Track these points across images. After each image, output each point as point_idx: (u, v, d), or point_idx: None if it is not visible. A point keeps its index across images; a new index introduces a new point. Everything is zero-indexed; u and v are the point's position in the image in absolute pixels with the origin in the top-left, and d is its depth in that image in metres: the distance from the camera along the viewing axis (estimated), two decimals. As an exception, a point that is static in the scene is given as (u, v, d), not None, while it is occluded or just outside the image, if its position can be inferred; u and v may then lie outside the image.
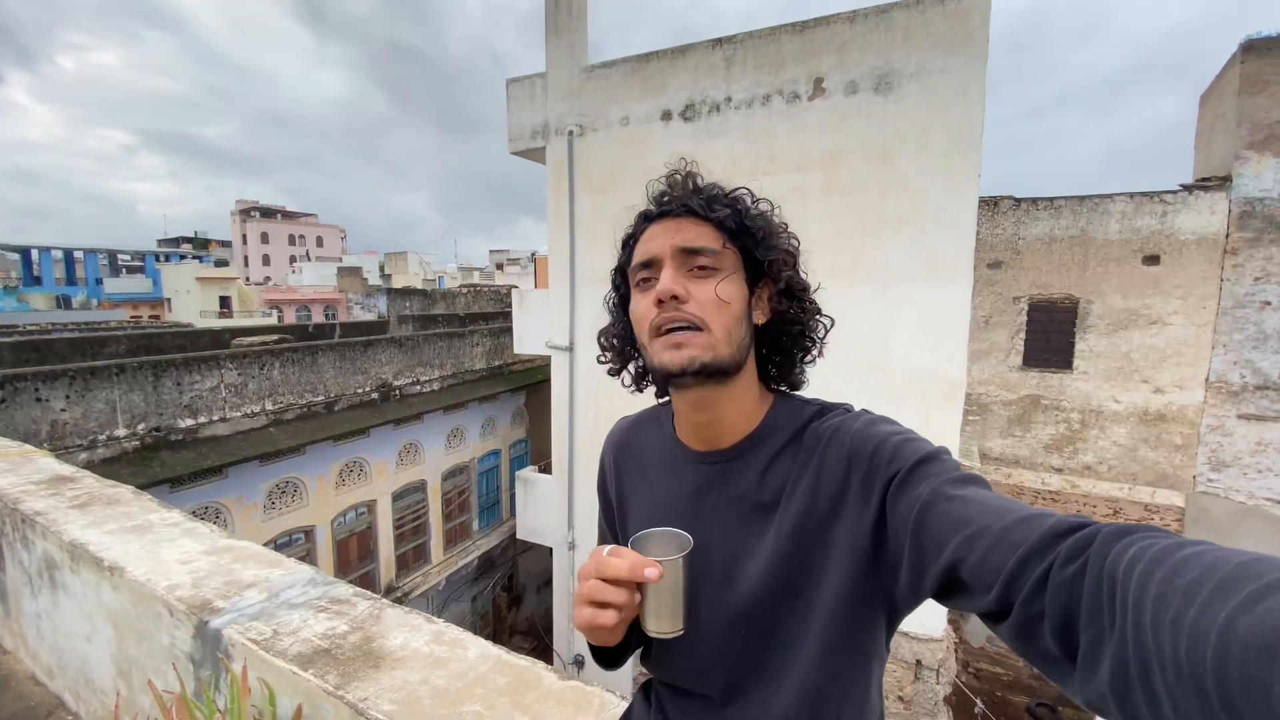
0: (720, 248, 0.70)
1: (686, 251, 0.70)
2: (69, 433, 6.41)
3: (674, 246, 0.70)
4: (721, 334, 0.68)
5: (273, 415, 8.46)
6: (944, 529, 0.53)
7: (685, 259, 0.70)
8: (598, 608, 0.62)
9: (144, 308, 34.66)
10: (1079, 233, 10.66)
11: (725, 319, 0.69)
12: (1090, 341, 10.78)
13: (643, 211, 0.77)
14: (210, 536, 1.74)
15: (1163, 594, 0.35)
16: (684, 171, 0.76)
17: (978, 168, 6.19)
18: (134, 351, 10.74)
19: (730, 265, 0.71)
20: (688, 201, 0.71)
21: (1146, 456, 10.55)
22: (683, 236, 0.70)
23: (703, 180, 0.75)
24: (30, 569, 1.93)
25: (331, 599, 1.38)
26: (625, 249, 0.79)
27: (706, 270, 0.70)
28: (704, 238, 0.70)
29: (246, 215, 52.61)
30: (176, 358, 7.53)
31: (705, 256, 0.69)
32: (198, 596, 1.39)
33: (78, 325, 19.92)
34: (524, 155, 9.43)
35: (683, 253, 0.70)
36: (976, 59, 6.02)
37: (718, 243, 0.70)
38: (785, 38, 6.95)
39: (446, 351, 11.81)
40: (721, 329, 0.68)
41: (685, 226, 0.71)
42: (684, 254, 0.70)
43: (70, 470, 2.36)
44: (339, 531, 9.67)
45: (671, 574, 0.63)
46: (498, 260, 59.24)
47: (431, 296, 21.64)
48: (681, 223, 0.71)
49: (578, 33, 8.39)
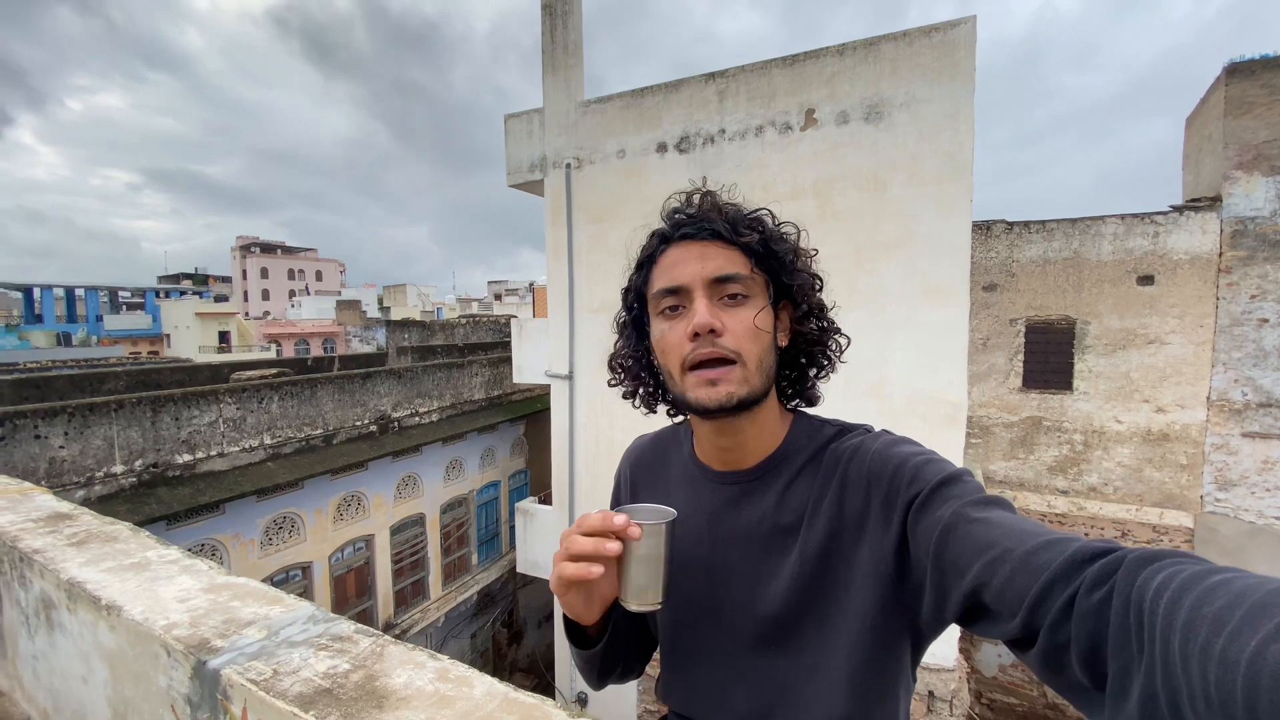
0: (749, 273, 0.68)
1: (718, 280, 0.68)
2: (67, 470, 6.35)
3: (705, 277, 0.68)
4: (755, 365, 0.67)
5: (271, 449, 8.41)
6: (966, 552, 0.52)
7: (716, 288, 0.68)
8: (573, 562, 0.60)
9: (143, 344, 34.73)
10: (1072, 254, 10.78)
11: (759, 349, 0.68)
12: (1089, 362, 10.80)
13: (659, 232, 0.74)
14: (209, 573, 1.71)
15: (1191, 621, 0.35)
16: (704, 190, 0.73)
17: (969, 193, 6.29)
18: (132, 387, 10.71)
19: (759, 291, 0.69)
20: (713, 225, 0.69)
21: (1152, 477, 10.47)
22: (713, 264, 0.68)
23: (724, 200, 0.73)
24: (27, 609, 1.90)
25: (333, 636, 1.35)
26: (640, 270, 0.76)
27: (738, 299, 0.68)
28: (733, 264, 0.68)
29: (246, 251, 53.11)
30: (175, 393, 7.51)
31: (736, 284, 0.68)
32: (196, 635, 1.36)
33: (77, 362, 19.92)
34: (522, 188, 9.58)
35: (714, 282, 0.68)
36: (964, 88, 6.16)
37: (746, 268, 0.68)
38: (776, 71, 7.13)
39: (445, 382, 11.79)
40: (755, 360, 0.67)
41: (712, 252, 0.68)
42: (715, 283, 0.68)
43: (69, 507, 2.33)
44: (337, 567, 9.52)
45: (652, 540, 0.61)
46: (496, 291, 59.62)
47: (430, 328, 21.72)
48: (707, 248, 0.69)
49: (574, 69, 8.60)
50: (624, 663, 0.82)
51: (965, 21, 6.09)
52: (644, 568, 0.62)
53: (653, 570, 0.62)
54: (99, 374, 10.95)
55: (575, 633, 0.75)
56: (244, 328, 35.70)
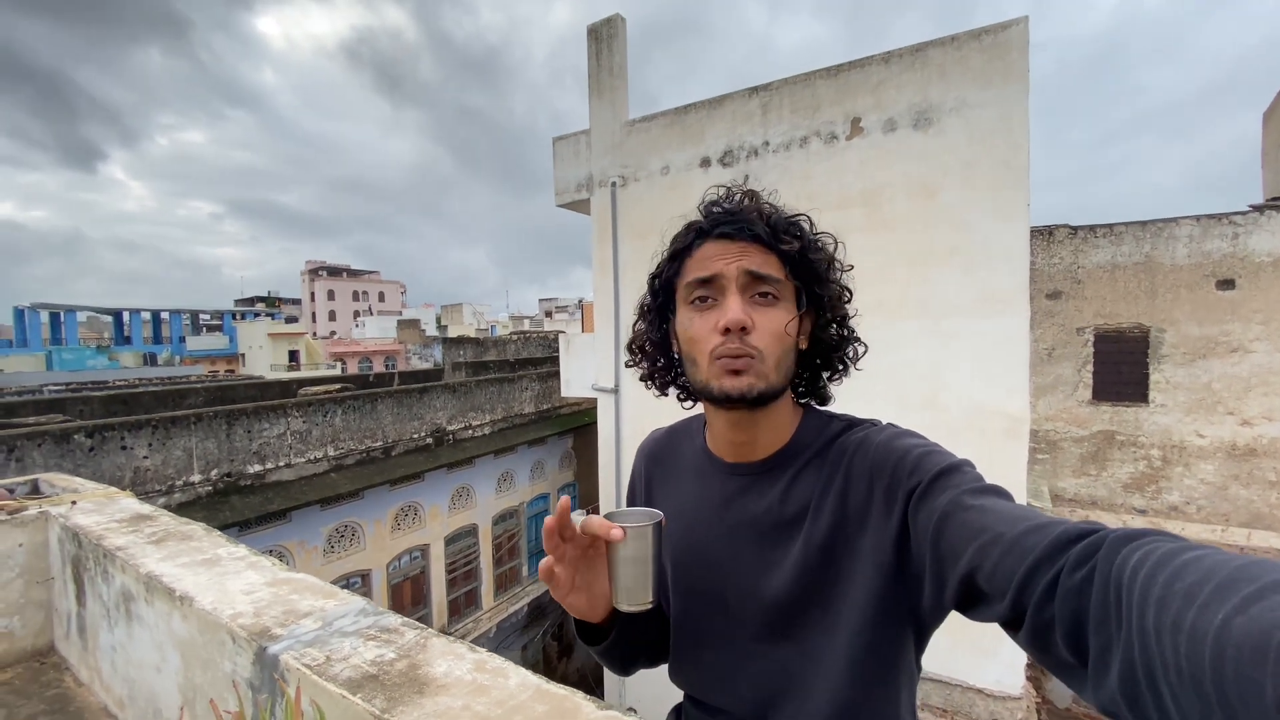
0: (783, 278, 0.70)
1: (754, 277, 0.69)
2: (150, 478, 6.84)
3: (742, 269, 0.69)
4: (774, 364, 0.69)
5: (334, 460, 8.81)
6: (961, 538, 0.53)
7: (750, 285, 0.69)
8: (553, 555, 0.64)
9: (221, 363, 37.07)
10: (1144, 259, 10.17)
11: (780, 350, 0.69)
12: (1166, 372, 10.12)
13: (697, 225, 0.75)
14: (272, 570, 1.82)
15: (1164, 597, 0.36)
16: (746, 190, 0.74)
17: (1026, 197, 6.06)
18: (210, 402, 11.46)
19: (789, 295, 0.71)
20: (754, 226, 0.70)
21: (1238, 495, 9.68)
22: (750, 260, 0.69)
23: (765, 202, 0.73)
24: (109, 602, 2.06)
25: (381, 628, 1.42)
26: (673, 260, 0.77)
27: (769, 298, 0.69)
28: (769, 266, 0.69)
29: (314, 274, 56.14)
30: (248, 407, 7.99)
31: (769, 284, 0.69)
32: (258, 624, 1.46)
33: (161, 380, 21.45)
34: (570, 207, 9.81)
35: (750, 277, 0.69)
36: (1017, 90, 5.97)
37: (781, 273, 0.70)
38: (820, 82, 7.09)
39: (497, 396, 12.10)
40: (775, 359, 0.69)
41: (750, 251, 0.69)
42: (750, 281, 0.69)
43: (149, 509, 2.52)
44: (394, 576, 9.84)
45: (638, 543, 0.63)
46: (547, 308, 60.79)
47: (484, 344, 22.34)
48: (747, 247, 0.70)
49: (619, 91, 8.79)
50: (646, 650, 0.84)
51: (1017, 23, 5.92)
52: (631, 569, 0.64)
53: (640, 571, 0.64)
54: (180, 390, 11.76)
55: (586, 630, 0.77)
56: (312, 347, 37.61)
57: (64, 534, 2.41)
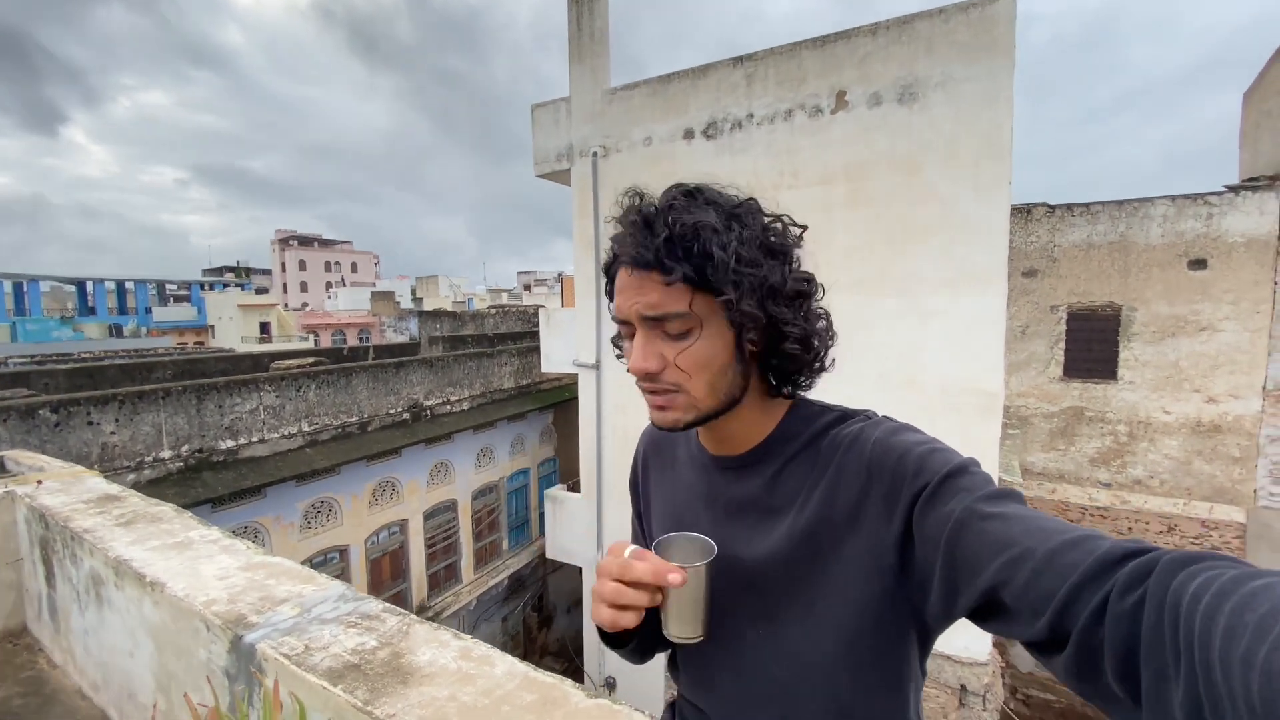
0: (687, 309, 0.63)
1: (653, 319, 0.65)
2: (118, 454, 6.66)
3: (640, 316, 0.65)
4: (703, 393, 0.66)
5: (309, 436, 8.66)
6: (982, 550, 0.51)
7: (655, 324, 0.65)
8: (618, 610, 0.61)
9: (189, 334, 36.08)
10: (1118, 238, 10.34)
11: (706, 378, 0.65)
12: (1135, 350, 10.38)
13: (613, 245, 0.71)
14: (246, 553, 1.77)
15: (1232, 628, 0.33)
16: (635, 209, 0.68)
17: (1008, 174, 6.08)
18: (179, 376, 11.15)
19: (705, 318, 0.64)
20: (643, 254, 0.64)
21: (1201, 470, 10.06)
22: (646, 301, 0.64)
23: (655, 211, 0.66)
24: (78, 585, 2.00)
25: (361, 615, 1.39)
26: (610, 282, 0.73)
27: (679, 334, 0.65)
28: (669, 301, 0.64)
29: (285, 244, 54.56)
30: (218, 381, 7.79)
31: (673, 322, 0.64)
32: (233, 611, 1.42)
33: (128, 352, 20.81)
34: (550, 178, 9.60)
35: (650, 320, 0.65)
36: (1004, 66, 5.94)
37: (684, 303, 0.63)
38: (806, 53, 6.97)
39: (475, 371, 11.97)
40: (702, 389, 0.65)
41: (649, 287, 0.64)
42: (652, 320, 0.65)
43: (117, 490, 2.44)
44: (372, 550, 9.80)
45: (694, 580, 0.62)
46: (525, 281, 60.09)
47: (461, 318, 22.04)
48: (645, 280, 0.64)
49: (600, 58, 8.55)
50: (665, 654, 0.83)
51: (1005, -4, 5.86)
52: (686, 605, 0.63)
53: (694, 607, 0.63)
54: (148, 364, 11.42)
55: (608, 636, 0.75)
56: (284, 319, 36.77)
57: (30, 514, 2.32)
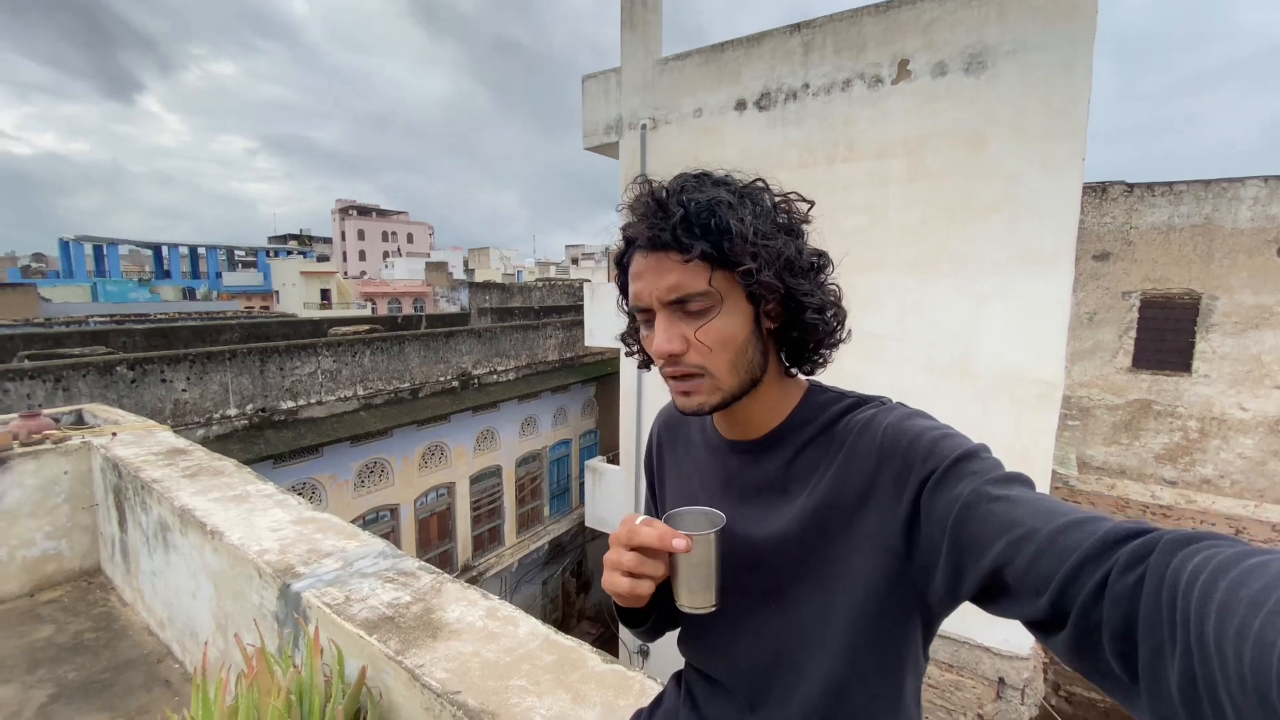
0: (707, 286, 0.65)
1: (674, 301, 0.66)
2: (189, 411, 7.12)
3: (660, 300, 0.66)
4: (726, 372, 0.67)
5: (363, 400, 9.05)
6: (987, 531, 0.51)
7: (676, 305, 0.66)
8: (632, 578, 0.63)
9: (256, 299, 37.94)
10: (1202, 221, 9.58)
11: (728, 356, 0.66)
12: (1213, 342, 9.69)
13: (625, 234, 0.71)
14: (297, 508, 1.88)
15: (1227, 603, 0.33)
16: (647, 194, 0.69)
17: (1082, 150, 5.70)
18: (245, 339, 11.79)
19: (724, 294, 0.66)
20: (660, 235, 0.65)
21: (1277, 472, 9.39)
22: (666, 284, 0.65)
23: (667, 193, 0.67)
24: (148, 530, 2.17)
25: (398, 571, 1.46)
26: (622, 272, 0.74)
27: (700, 313, 0.66)
28: (689, 280, 0.65)
29: (345, 214, 56.39)
30: (280, 345, 8.20)
31: (694, 301, 0.65)
32: (283, 561, 1.51)
33: (199, 314, 22.10)
34: (598, 150, 9.55)
35: (671, 302, 0.66)
36: (1083, 32, 5.53)
37: (704, 280, 0.64)
38: (867, 19, 6.66)
39: (522, 343, 12.20)
40: (725, 368, 0.66)
41: (667, 268, 0.65)
42: (673, 303, 0.66)
43: (184, 444, 2.62)
44: (421, 511, 10.24)
45: (702, 549, 0.63)
46: (573, 255, 60.45)
47: (509, 290, 22.41)
48: (663, 262, 0.66)
49: (652, 25, 8.38)
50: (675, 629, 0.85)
51: (1090, -46, 5.42)
52: (696, 573, 0.64)
53: (704, 575, 0.64)
54: (217, 325, 12.10)
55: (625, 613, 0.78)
56: (343, 286, 38.16)
57: (105, 464, 2.52)
